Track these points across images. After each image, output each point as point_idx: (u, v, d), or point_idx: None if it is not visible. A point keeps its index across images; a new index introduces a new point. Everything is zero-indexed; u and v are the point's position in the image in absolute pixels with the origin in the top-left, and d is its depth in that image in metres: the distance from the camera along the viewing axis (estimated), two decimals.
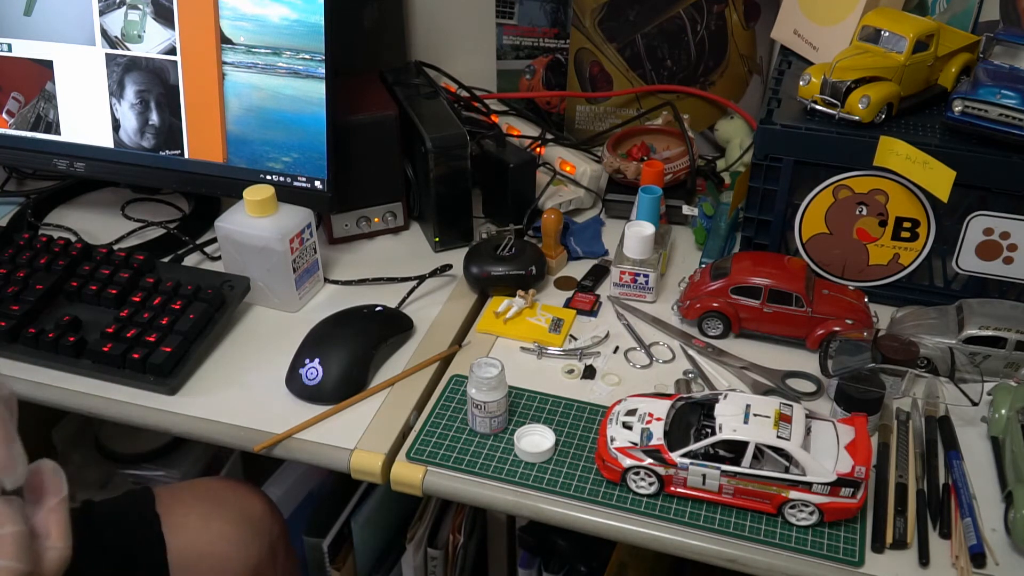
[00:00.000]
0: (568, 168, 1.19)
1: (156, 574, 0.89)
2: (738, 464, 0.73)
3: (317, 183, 1.04)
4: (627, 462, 0.76)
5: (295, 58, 1.00)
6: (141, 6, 1.04)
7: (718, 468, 0.74)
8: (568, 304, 1.01)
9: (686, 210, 1.12)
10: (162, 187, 1.21)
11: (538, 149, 1.24)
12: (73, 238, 1.13)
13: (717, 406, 0.76)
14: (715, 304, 0.93)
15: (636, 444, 0.76)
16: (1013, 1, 1.01)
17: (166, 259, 1.07)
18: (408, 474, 0.80)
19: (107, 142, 1.11)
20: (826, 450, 0.73)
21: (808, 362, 0.91)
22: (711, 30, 1.22)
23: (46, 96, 1.12)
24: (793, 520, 0.74)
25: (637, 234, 0.98)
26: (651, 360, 0.93)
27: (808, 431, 0.75)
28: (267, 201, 0.96)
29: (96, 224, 1.17)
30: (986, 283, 0.95)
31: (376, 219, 1.12)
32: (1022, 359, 0.87)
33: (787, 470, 0.73)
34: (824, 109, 0.93)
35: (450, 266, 1.05)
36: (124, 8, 1.04)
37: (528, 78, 1.35)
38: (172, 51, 1.04)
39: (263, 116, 1.03)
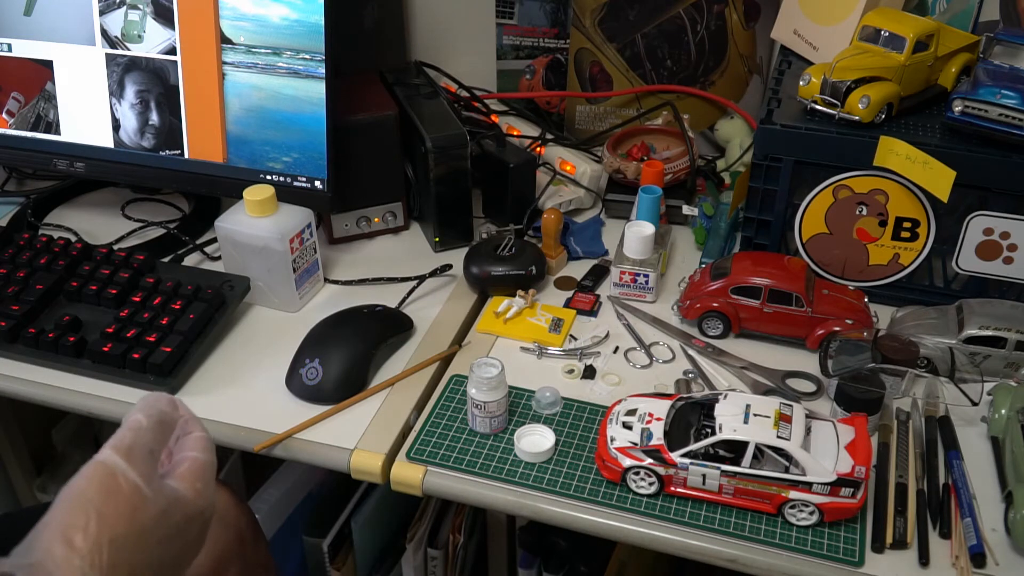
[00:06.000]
0: (568, 168, 1.19)
1: None
2: (738, 464, 0.73)
3: (317, 183, 1.04)
4: (627, 462, 0.76)
5: (295, 58, 1.00)
6: (141, 6, 1.04)
7: (718, 468, 0.73)
8: (568, 304, 1.01)
9: (686, 210, 1.12)
10: (162, 187, 1.21)
11: (538, 149, 1.24)
12: (73, 238, 1.13)
13: (717, 406, 0.76)
14: (715, 304, 0.93)
15: (636, 444, 0.76)
16: (1013, 1, 1.01)
17: (166, 259, 1.07)
18: (408, 474, 0.80)
19: (107, 142, 1.11)
20: (826, 450, 0.73)
21: (808, 362, 0.91)
22: (711, 30, 1.22)
23: (46, 96, 1.11)
24: (793, 520, 0.74)
25: (637, 234, 0.98)
26: (651, 360, 0.93)
27: (808, 431, 0.75)
28: (267, 201, 0.96)
29: (96, 224, 1.17)
30: (986, 283, 0.95)
31: (376, 219, 1.12)
32: (1022, 359, 0.87)
33: (787, 470, 0.73)
34: (824, 109, 0.93)
35: (450, 266, 1.05)
36: (124, 8, 1.04)
37: (528, 78, 1.35)
38: (172, 51, 1.04)
39: (263, 116, 1.03)
